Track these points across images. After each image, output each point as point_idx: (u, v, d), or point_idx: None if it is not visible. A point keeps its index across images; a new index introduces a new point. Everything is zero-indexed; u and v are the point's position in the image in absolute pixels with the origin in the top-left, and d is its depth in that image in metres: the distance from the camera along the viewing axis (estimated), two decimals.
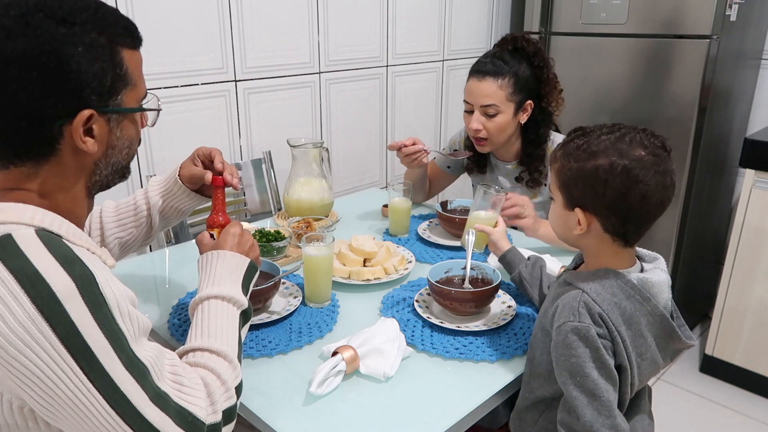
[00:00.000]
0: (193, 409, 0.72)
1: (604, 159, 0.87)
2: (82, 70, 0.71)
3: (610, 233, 0.92)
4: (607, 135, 0.90)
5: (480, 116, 1.56)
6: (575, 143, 0.91)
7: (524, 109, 1.58)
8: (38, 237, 0.67)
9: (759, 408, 2.18)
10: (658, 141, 0.89)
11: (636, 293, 0.89)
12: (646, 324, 0.91)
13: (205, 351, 0.81)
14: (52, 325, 0.63)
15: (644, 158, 0.86)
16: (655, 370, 0.95)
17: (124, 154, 0.82)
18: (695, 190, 2.25)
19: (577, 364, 0.87)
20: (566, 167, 0.91)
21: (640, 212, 0.88)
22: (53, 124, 0.72)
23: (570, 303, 0.89)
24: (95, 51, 0.73)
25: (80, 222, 0.82)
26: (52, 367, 0.64)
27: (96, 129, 0.76)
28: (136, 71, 0.80)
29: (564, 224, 0.96)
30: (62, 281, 0.65)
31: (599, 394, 0.86)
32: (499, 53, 1.57)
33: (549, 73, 1.59)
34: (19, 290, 0.63)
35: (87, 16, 0.73)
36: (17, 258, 0.65)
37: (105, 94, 0.75)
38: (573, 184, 0.91)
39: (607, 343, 0.88)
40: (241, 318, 0.89)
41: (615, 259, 0.94)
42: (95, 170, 0.80)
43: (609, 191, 0.87)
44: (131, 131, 0.82)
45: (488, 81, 1.53)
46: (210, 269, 0.91)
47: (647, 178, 0.86)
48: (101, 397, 0.66)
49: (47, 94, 0.70)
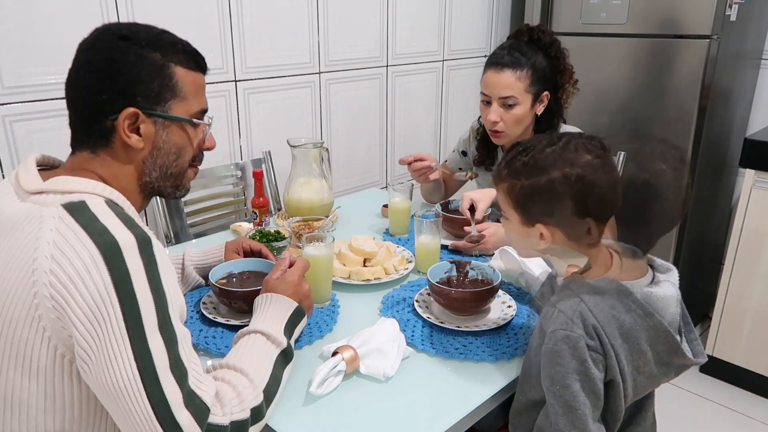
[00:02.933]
0: (203, 396, 0.77)
1: (557, 171, 0.87)
2: (131, 74, 0.86)
3: (574, 239, 0.92)
4: (551, 147, 0.90)
5: (498, 108, 1.55)
6: (520, 160, 0.91)
7: (541, 101, 1.58)
8: (106, 204, 0.81)
9: (759, 408, 2.18)
10: (597, 142, 0.90)
11: (638, 307, 0.88)
12: (647, 339, 0.89)
13: (230, 369, 0.88)
14: (110, 269, 0.73)
15: (592, 162, 0.87)
16: (652, 384, 0.94)
17: (171, 159, 0.93)
18: (695, 191, 2.25)
19: (561, 373, 0.86)
20: (517, 186, 0.91)
21: (599, 214, 0.89)
22: (106, 117, 0.86)
23: (566, 311, 0.89)
24: (146, 61, 0.86)
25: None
26: (100, 308, 0.73)
27: (143, 128, 0.88)
28: (188, 88, 0.91)
29: (525, 241, 0.96)
30: (125, 235, 0.76)
31: (576, 407, 0.85)
32: (516, 45, 1.56)
33: (565, 63, 1.59)
34: (87, 239, 0.74)
35: (147, 36, 0.88)
36: (88, 217, 0.77)
37: (151, 98, 0.87)
38: (529, 201, 0.91)
39: (597, 356, 0.86)
40: (280, 357, 0.93)
41: (622, 269, 0.92)
42: (144, 169, 0.92)
43: (568, 201, 0.87)
44: (178, 139, 0.93)
45: (507, 72, 1.52)
46: (260, 309, 1.01)
47: (600, 180, 0.87)
48: (130, 348, 0.74)
49: (101, 92, 0.85)
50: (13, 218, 0.80)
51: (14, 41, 1.48)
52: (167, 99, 0.89)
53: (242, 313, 1.15)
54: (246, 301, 1.11)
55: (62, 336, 0.75)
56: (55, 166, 0.94)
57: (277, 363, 0.92)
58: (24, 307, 0.75)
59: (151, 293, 0.76)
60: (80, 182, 0.84)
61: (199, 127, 0.96)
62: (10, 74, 1.50)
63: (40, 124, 1.57)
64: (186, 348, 0.80)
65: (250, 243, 1.31)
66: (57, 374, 0.78)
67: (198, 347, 1.07)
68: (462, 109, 2.81)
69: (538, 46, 1.56)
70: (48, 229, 0.76)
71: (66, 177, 0.84)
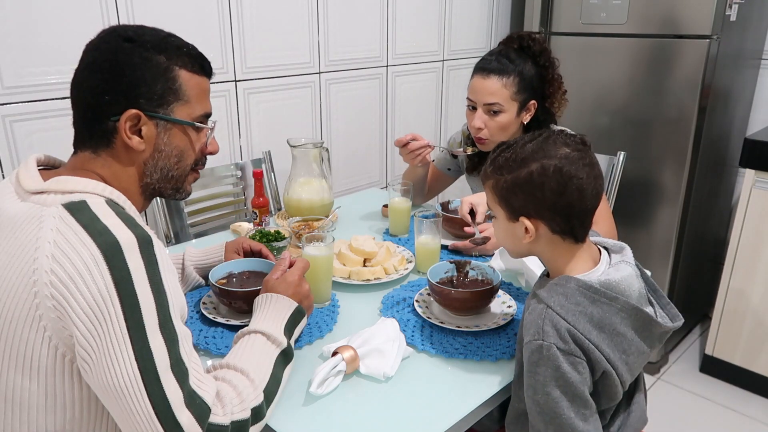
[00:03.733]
0: (204, 396, 0.77)
1: (535, 163, 0.91)
2: (134, 76, 0.86)
3: (558, 233, 0.93)
4: (531, 142, 0.94)
5: (483, 114, 1.55)
6: (503, 156, 0.95)
7: (527, 109, 1.57)
8: (107, 204, 0.81)
9: (759, 408, 2.19)
10: (577, 138, 0.94)
11: (601, 296, 0.89)
12: (621, 321, 0.90)
13: (231, 369, 0.88)
14: (111, 268, 0.74)
15: (570, 154, 0.91)
16: (644, 359, 0.96)
17: (172, 162, 0.93)
18: (695, 190, 2.25)
19: (540, 382, 0.88)
20: (501, 181, 0.94)
21: (580, 206, 0.91)
22: (109, 118, 0.87)
23: (536, 320, 0.90)
24: (150, 64, 0.87)
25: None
26: (101, 307, 0.73)
27: (144, 130, 0.88)
28: (192, 91, 0.92)
29: (512, 237, 0.98)
30: (126, 235, 0.76)
31: (560, 413, 0.86)
32: (504, 51, 1.55)
33: (554, 72, 1.57)
34: (88, 238, 0.75)
35: (152, 39, 0.88)
36: (89, 217, 0.77)
37: (154, 100, 0.88)
38: (512, 194, 0.94)
39: (575, 359, 0.87)
40: (280, 357, 0.93)
41: (573, 261, 0.95)
42: (145, 170, 0.92)
43: (547, 192, 0.90)
44: (180, 142, 0.93)
45: (493, 79, 1.52)
46: (260, 309, 1.01)
47: (578, 172, 0.90)
48: (131, 347, 0.74)
49: (104, 92, 0.86)
50: (14, 218, 0.80)
51: (14, 41, 1.48)
52: (170, 102, 0.89)
53: (242, 313, 1.15)
54: (246, 301, 1.11)
55: (63, 336, 0.75)
56: (56, 166, 0.94)
57: (277, 363, 0.92)
58: (25, 307, 0.75)
59: (151, 293, 0.77)
60: (81, 182, 0.84)
61: (201, 131, 0.96)
62: (10, 74, 1.50)
63: (40, 124, 1.57)
64: (187, 348, 0.80)
65: (250, 243, 1.31)
66: (57, 374, 0.78)
67: (198, 347, 1.07)
68: (462, 109, 2.77)
69: (528, 53, 1.55)
70: (49, 229, 0.76)
71: (66, 177, 0.84)
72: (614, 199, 1.92)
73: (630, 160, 2.07)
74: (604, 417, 0.98)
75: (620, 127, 2.33)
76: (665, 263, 2.29)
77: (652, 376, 2.37)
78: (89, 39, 0.90)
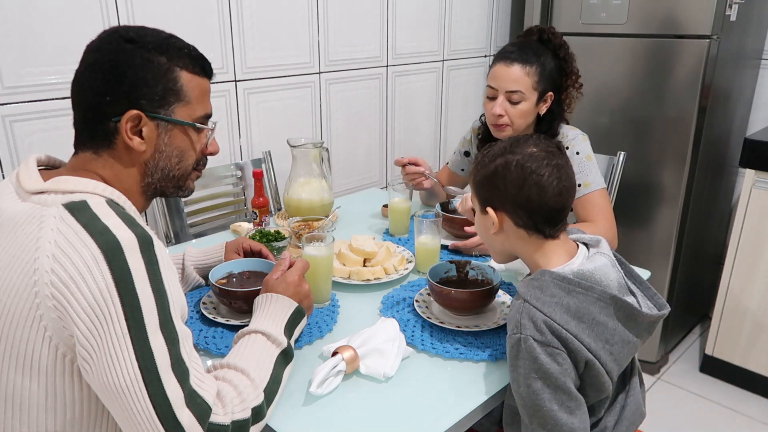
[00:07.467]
0: (204, 395, 0.78)
1: (501, 159, 0.98)
2: (135, 77, 0.86)
3: (522, 227, 0.98)
4: (506, 143, 1.01)
5: (504, 101, 1.55)
6: (481, 154, 1.03)
7: (545, 100, 1.58)
8: (107, 204, 0.81)
9: (759, 408, 2.19)
10: (551, 143, 0.99)
11: (575, 286, 0.91)
12: (600, 310, 0.91)
13: (231, 368, 0.88)
14: (111, 268, 0.74)
15: (535, 153, 0.96)
16: (631, 349, 0.97)
17: (173, 163, 0.94)
18: (695, 190, 2.25)
19: (522, 375, 0.90)
20: (476, 175, 1.03)
21: (539, 201, 0.95)
22: (109, 119, 0.87)
23: (514, 315, 0.93)
24: (151, 64, 0.87)
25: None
26: (102, 307, 0.73)
27: (145, 131, 0.89)
28: (193, 92, 0.92)
29: (484, 229, 1.04)
30: (126, 235, 0.76)
31: (541, 405, 0.88)
32: (526, 42, 1.58)
33: (573, 66, 1.60)
34: (88, 238, 0.75)
35: (154, 39, 0.88)
36: (90, 216, 0.78)
37: (155, 101, 0.88)
38: (481, 187, 1.02)
39: (553, 350, 0.89)
40: (280, 357, 0.93)
41: (547, 256, 0.98)
42: (146, 171, 0.92)
43: (508, 185, 0.97)
44: (181, 143, 0.93)
45: (516, 67, 1.52)
46: (260, 309, 1.01)
47: (539, 169, 0.95)
48: (131, 347, 0.74)
49: (105, 93, 0.86)
50: (14, 218, 0.80)
51: (14, 41, 1.48)
52: (171, 103, 0.90)
53: (242, 313, 1.15)
54: (246, 301, 1.11)
55: (63, 335, 0.75)
56: (57, 166, 0.94)
57: (277, 363, 0.92)
58: (25, 307, 0.75)
59: (152, 292, 0.77)
60: (81, 182, 0.84)
61: (202, 131, 0.96)
62: (10, 74, 1.50)
63: (40, 124, 1.57)
64: (187, 347, 0.80)
65: (250, 243, 1.31)
66: (58, 374, 0.78)
67: (198, 347, 1.07)
68: (462, 109, 2.81)
69: (548, 46, 1.57)
70: (49, 229, 0.76)
71: (67, 177, 0.84)
72: (614, 199, 1.92)
73: (630, 160, 2.07)
74: (597, 411, 0.99)
75: (620, 127, 2.33)
76: (665, 263, 2.29)
77: (652, 376, 2.37)
78: (89, 39, 0.90)
